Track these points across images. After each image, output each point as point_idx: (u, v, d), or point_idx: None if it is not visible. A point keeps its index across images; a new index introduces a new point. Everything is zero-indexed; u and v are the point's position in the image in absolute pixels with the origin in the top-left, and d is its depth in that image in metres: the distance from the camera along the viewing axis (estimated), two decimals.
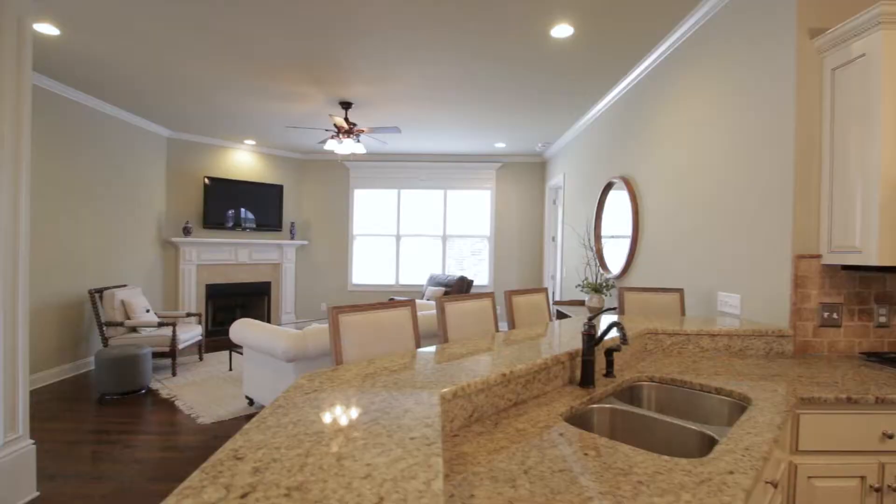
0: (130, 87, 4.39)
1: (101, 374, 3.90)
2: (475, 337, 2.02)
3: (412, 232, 7.39)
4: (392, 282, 7.38)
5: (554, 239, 6.90)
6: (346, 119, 4.63)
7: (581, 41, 3.28)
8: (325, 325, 3.28)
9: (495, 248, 7.30)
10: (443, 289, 6.28)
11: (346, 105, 4.76)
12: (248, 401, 3.72)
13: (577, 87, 4.21)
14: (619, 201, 4.19)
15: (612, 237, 4.33)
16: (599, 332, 1.75)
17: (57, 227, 4.39)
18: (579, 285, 4.48)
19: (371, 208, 7.43)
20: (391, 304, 1.75)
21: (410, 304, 1.81)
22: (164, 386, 4.22)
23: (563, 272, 5.92)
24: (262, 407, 3.65)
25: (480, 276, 7.31)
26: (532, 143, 6.39)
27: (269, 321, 6.98)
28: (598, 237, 4.62)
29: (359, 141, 4.87)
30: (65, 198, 4.48)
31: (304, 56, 3.64)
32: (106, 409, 3.68)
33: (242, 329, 3.47)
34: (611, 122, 4.40)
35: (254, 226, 6.74)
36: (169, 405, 3.75)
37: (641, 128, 3.68)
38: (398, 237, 7.40)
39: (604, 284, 4.13)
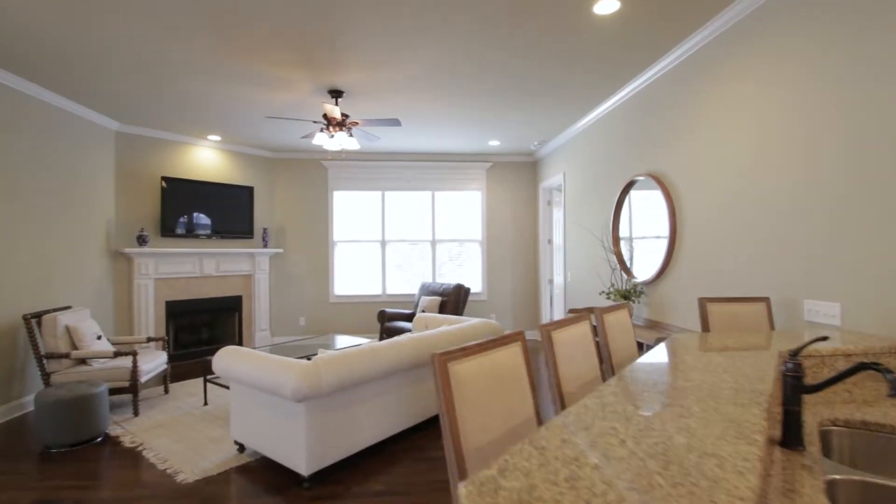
0: (63, 64, 3.62)
1: (43, 422, 3.13)
2: (587, 373, 1.56)
3: (399, 237, 6.84)
4: (379, 291, 6.79)
5: (550, 242, 6.57)
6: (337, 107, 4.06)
7: (625, 16, 2.91)
8: (338, 352, 2.72)
9: (487, 252, 6.87)
10: (438, 298, 5.78)
11: (336, 94, 4.18)
12: (237, 447, 3.08)
13: (596, 76, 3.85)
14: (644, 200, 3.87)
15: (636, 238, 4.00)
16: (834, 375, 1.33)
17: None
18: (605, 292, 4.12)
19: (353, 212, 6.82)
20: (502, 340, 1.26)
21: (519, 337, 1.33)
22: (126, 431, 3.48)
23: (568, 276, 5.58)
24: (259, 455, 3.02)
25: (472, 283, 6.86)
26: (527, 141, 6.03)
27: (240, 341, 6.21)
28: (616, 239, 4.29)
29: (351, 135, 4.30)
30: None
31: (294, 31, 3.05)
32: (51, 465, 2.93)
33: (230, 360, 2.84)
34: (631, 116, 4.07)
35: (221, 233, 5.97)
36: (135, 457, 3.04)
37: (679, 119, 3.36)
38: (383, 242, 6.83)
39: (632, 290, 3.79)
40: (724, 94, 2.90)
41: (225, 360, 2.87)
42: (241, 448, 3.05)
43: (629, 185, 4.07)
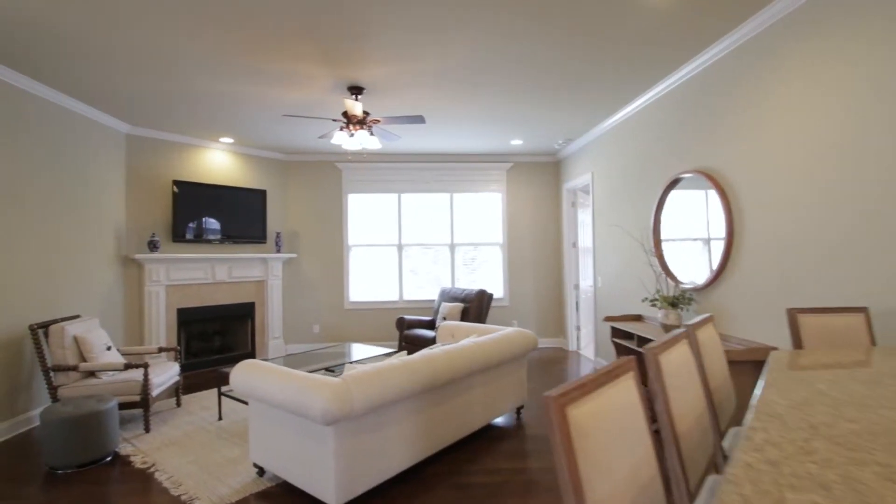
0: (68, 61, 3.41)
1: (49, 441, 2.90)
2: (695, 407, 1.28)
3: (416, 241, 6.59)
4: (395, 297, 6.53)
5: (575, 245, 6.29)
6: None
7: None
8: (370, 368, 2.46)
9: (508, 256, 6.60)
10: (460, 305, 5.51)
11: (355, 90, 3.94)
12: (256, 470, 2.82)
13: (633, 69, 3.59)
14: (689, 199, 3.59)
15: (680, 240, 3.72)
16: None
17: None
18: (648, 299, 3.84)
19: (368, 215, 6.58)
20: (614, 372, 0.99)
21: (630, 366, 1.06)
22: (137, 449, 3.24)
23: (599, 282, 5.29)
24: (280, 480, 2.77)
25: (490, 288, 6.59)
26: (551, 140, 5.76)
27: (253, 349, 5.98)
28: (657, 242, 4.01)
29: (372, 134, 4.06)
30: None
31: (309, 19, 2.82)
32: (56, 489, 2.70)
33: (249, 376, 2.59)
34: (672, 110, 3.80)
35: (233, 237, 5.75)
36: (147, 479, 2.80)
37: (737, 110, 3.08)
38: (400, 246, 6.58)
39: (681, 297, 3.50)
40: (799, 79, 2.62)
41: (244, 375, 2.62)
42: (261, 472, 2.80)
43: (672, 184, 3.79)
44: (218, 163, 5.79)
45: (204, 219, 5.49)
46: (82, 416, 2.95)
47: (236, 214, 5.78)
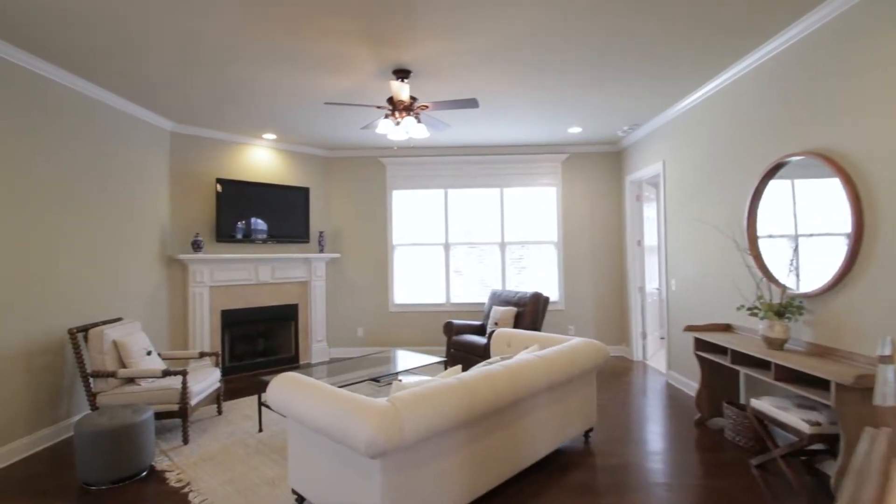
0: (115, 56, 3.25)
1: (82, 454, 2.72)
2: None
3: (463, 239, 6.20)
4: (442, 300, 6.17)
5: (640, 243, 5.69)
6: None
7: None
8: (422, 390, 2.09)
9: (564, 255, 6.09)
10: (514, 309, 5.07)
11: (402, 74, 3.59)
12: (295, 497, 2.52)
13: (720, 37, 3.02)
14: (799, 188, 2.99)
15: (782, 237, 3.12)
16: None
17: (26, 243, 3.24)
18: (745, 307, 3.26)
19: (413, 213, 6.25)
20: None
21: None
22: (174, 464, 3.03)
23: (672, 285, 4.70)
24: None
25: (541, 289, 6.09)
26: (615, 127, 5.21)
27: (296, 352, 5.80)
28: (752, 239, 3.42)
29: (420, 122, 3.70)
30: (36, 206, 3.33)
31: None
32: None
33: (287, 392, 2.28)
34: (776, 81, 3.20)
35: (276, 237, 5.58)
36: (180, 501, 2.56)
37: (869, 71, 2.48)
38: (447, 245, 6.21)
39: (789, 305, 2.91)
40: None
41: (281, 391, 2.32)
42: (300, 500, 2.49)
43: (773, 170, 3.20)
44: (260, 160, 5.63)
45: (248, 218, 5.33)
46: (116, 429, 2.76)
47: (279, 213, 5.60)
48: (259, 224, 5.44)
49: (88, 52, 3.19)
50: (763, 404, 2.83)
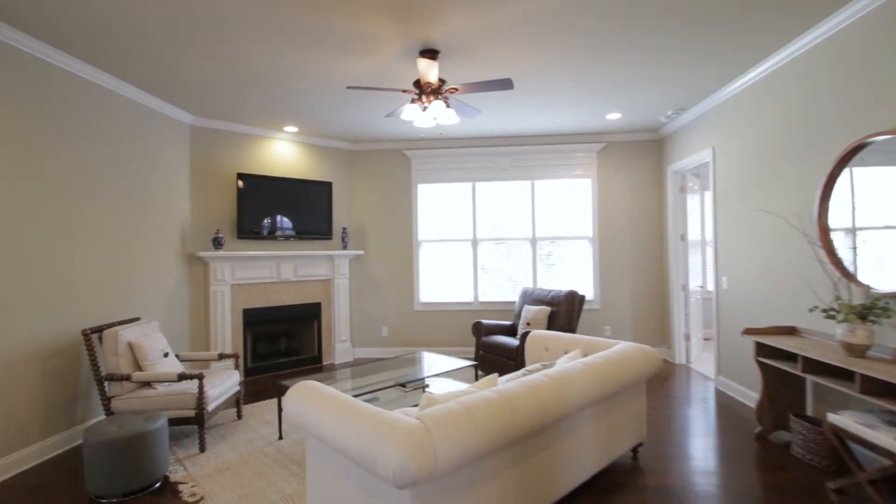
0: (132, 44, 3.07)
1: (91, 465, 2.55)
2: None
3: (491, 235, 5.90)
4: (470, 298, 5.89)
5: (683, 238, 5.28)
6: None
7: None
8: (456, 406, 1.81)
9: (599, 251, 5.72)
10: (547, 308, 4.75)
11: (430, 53, 3.31)
12: None
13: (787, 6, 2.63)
14: (883, 175, 2.58)
15: (869, 229, 2.72)
16: None
17: (42, 240, 3.10)
18: (822, 308, 2.87)
19: (439, 207, 5.98)
20: None
21: None
22: (188, 474, 2.84)
23: (724, 283, 4.29)
24: None
25: (579, 288, 5.74)
26: (657, 112, 4.81)
27: (319, 352, 5.61)
28: (823, 231, 3.01)
29: (449, 106, 3.41)
30: (51, 200, 3.20)
31: None
32: None
33: (304, 404, 2.04)
34: (855, 52, 2.79)
35: (299, 233, 5.39)
36: None
37: None
38: (475, 241, 5.92)
39: (874, 307, 2.52)
40: None
41: (299, 403, 2.07)
42: None
43: (851, 153, 2.79)
44: (282, 154, 5.45)
45: (270, 213, 5.16)
46: (127, 439, 2.58)
47: (301, 209, 5.42)
48: (281, 220, 5.26)
49: (104, 39, 3.02)
50: (845, 420, 2.45)
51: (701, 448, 3.12)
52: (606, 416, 2.60)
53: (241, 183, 4.95)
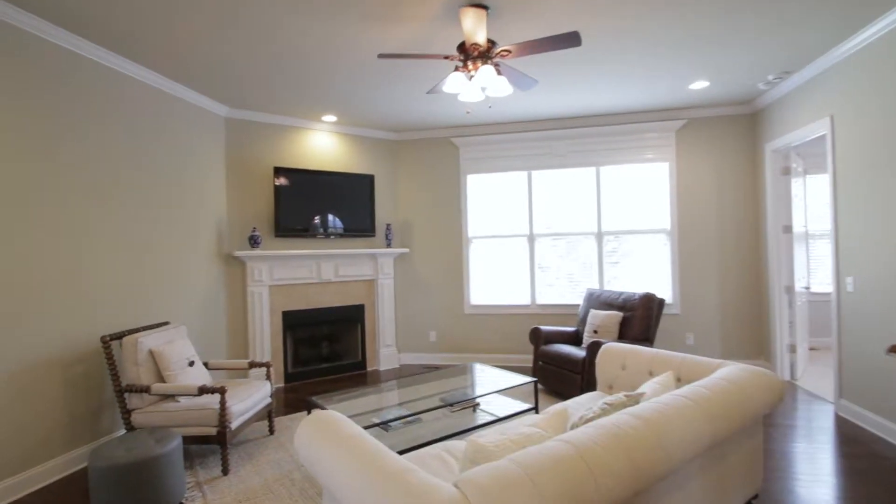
0: (159, 28, 2.77)
1: (98, 493, 2.25)
2: None
3: (549, 229, 5.26)
4: (527, 301, 5.29)
5: (788, 230, 4.39)
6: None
7: None
8: (518, 455, 1.27)
9: (678, 246, 4.92)
10: (618, 314, 4.06)
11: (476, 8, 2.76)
12: None
13: None
14: None
15: None
16: None
17: (67, 239, 2.88)
18: None
19: (491, 199, 5.43)
20: None
21: None
22: (206, 503, 2.50)
23: (848, 284, 3.42)
24: None
25: (653, 289, 4.97)
26: (756, 76, 3.97)
27: (363, 358, 5.24)
28: None
29: (500, 73, 2.85)
30: (79, 198, 2.98)
31: None
32: None
33: (316, 446, 1.58)
34: None
35: (340, 231, 5.04)
36: None
37: None
38: (531, 237, 5.31)
39: None
40: None
41: (310, 442, 1.62)
42: None
43: None
44: (321, 146, 5.12)
45: (309, 209, 4.83)
46: (135, 464, 2.26)
47: (342, 204, 5.05)
48: (320, 217, 4.92)
49: (125, 22, 2.74)
50: None
51: (832, 501, 2.38)
52: (716, 464, 1.95)
53: (278, 177, 4.65)
